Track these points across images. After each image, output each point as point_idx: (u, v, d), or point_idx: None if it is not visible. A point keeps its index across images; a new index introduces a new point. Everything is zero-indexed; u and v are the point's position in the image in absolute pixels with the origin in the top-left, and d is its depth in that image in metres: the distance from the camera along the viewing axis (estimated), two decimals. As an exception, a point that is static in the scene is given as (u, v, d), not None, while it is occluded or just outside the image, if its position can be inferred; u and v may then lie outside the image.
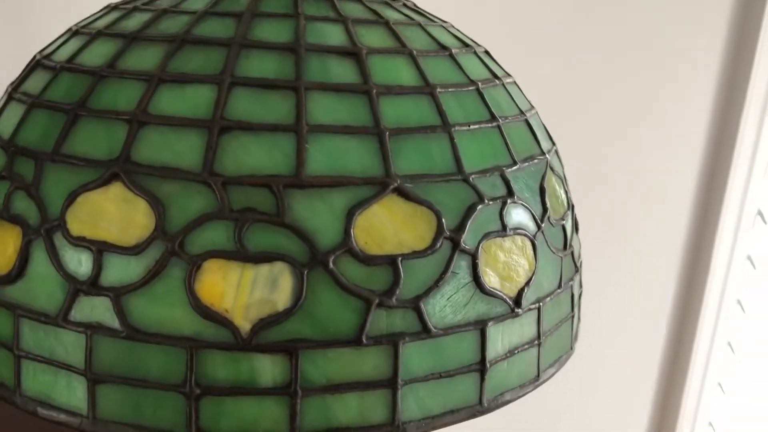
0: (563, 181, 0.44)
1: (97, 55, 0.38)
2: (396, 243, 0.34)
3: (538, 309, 0.39)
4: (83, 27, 0.41)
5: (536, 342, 0.39)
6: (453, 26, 0.45)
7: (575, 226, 0.45)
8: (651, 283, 1.36)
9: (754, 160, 1.52)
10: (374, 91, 0.36)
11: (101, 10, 0.43)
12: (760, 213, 1.62)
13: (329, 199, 0.33)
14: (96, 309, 0.33)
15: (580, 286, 0.46)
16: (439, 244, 0.35)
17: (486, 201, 0.36)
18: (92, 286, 0.33)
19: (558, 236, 0.41)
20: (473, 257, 0.36)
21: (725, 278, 1.58)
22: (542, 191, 0.40)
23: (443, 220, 0.35)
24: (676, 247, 1.42)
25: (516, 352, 0.38)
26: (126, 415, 0.34)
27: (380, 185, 0.34)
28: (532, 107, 0.44)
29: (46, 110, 0.37)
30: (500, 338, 0.37)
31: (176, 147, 0.33)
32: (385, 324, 0.34)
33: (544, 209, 0.40)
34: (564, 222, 0.42)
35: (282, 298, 0.32)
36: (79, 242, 0.33)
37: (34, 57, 0.43)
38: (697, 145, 1.42)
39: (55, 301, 0.34)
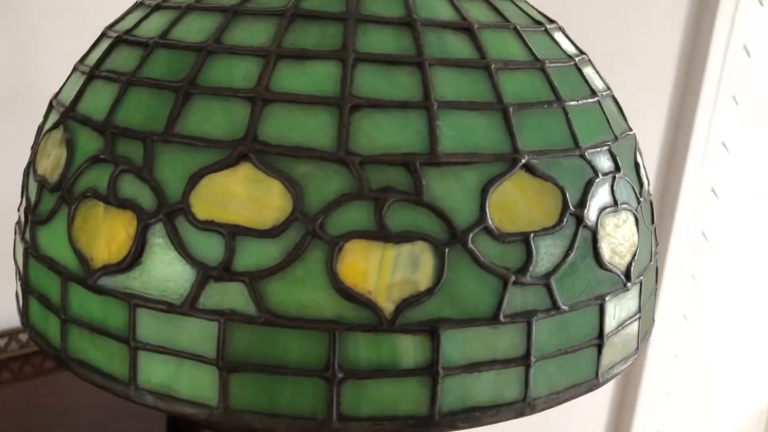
0: (642, 157, 0.44)
1: (195, 30, 0.36)
2: (527, 220, 0.34)
3: (641, 283, 0.39)
4: (164, 0, 0.39)
5: (638, 315, 0.40)
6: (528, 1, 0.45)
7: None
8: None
9: (707, 140, 1.57)
10: (493, 66, 0.35)
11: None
12: (713, 190, 1.68)
13: (462, 176, 0.33)
14: (229, 295, 0.32)
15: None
16: (565, 220, 0.34)
17: (600, 176, 0.36)
18: (225, 271, 0.32)
19: (648, 211, 0.42)
20: (594, 233, 0.36)
21: (682, 252, 1.63)
22: (636, 166, 0.41)
23: (567, 195, 0.35)
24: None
25: (625, 325, 0.39)
26: (261, 404, 0.32)
27: (510, 161, 0.34)
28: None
29: (147, 88, 0.35)
30: (614, 312, 0.37)
31: (306, 125, 0.32)
32: (519, 301, 0.33)
33: (641, 184, 0.40)
34: (650, 197, 0.43)
35: (424, 277, 0.32)
36: (208, 226, 0.32)
37: (104, 32, 0.41)
38: (656, 126, 1.45)
39: (180, 288, 0.32)
